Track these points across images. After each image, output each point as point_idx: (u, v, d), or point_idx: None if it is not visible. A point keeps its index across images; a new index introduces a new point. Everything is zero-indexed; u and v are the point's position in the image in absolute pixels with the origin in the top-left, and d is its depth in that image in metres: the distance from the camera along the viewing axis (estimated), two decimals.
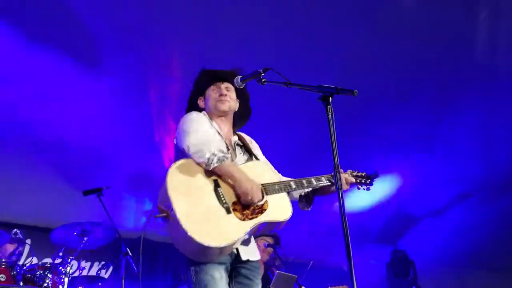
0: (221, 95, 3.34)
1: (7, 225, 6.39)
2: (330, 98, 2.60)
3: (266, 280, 6.18)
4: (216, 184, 2.96)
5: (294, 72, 3.22)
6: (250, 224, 2.92)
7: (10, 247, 5.57)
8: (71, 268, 5.12)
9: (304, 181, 3.24)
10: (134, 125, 7.62)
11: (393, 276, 10.38)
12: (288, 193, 3.21)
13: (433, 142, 9.02)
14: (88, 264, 7.89)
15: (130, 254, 5.73)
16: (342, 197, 2.48)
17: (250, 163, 3.23)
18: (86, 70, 6.99)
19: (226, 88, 3.39)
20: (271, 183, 3.11)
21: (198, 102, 3.45)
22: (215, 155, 2.91)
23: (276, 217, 3.03)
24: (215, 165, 2.91)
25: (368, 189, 3.62)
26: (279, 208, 3.06)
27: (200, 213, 2.82)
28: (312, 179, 3.27)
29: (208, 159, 2.90)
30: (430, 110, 8.49)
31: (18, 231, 5.08)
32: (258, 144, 3.55)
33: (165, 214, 2.84)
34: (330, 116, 2.57)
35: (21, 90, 7.03)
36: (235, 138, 3.39)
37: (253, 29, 6.86)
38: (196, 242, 2.71)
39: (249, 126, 3.65)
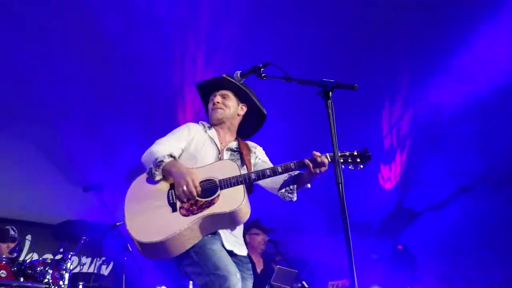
0: (213, 104, 3.42)
1: (7, 221, 6.38)
2: (330, 93, 2.59)
3: (265, 275, 6.19)
4: (171, 187, 3.08)
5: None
6: (191, 219, 2.93)
7: (4, 246, 5.55)
8: (71, 264, 5.11)
9: (267, 171, 3.15)
10: (135, 119, 7.62)
11: None
12: (246, 187, 3.12)
13: (433, 135, 9.02)
14: (89, 260, 7.89)
15: (130, 249, 5.74)
16: (342, 192, 2.46)
17: (218, 162, 3.22)
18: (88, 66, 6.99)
19: (222, 95, 3.42)
20: (227, 177, 3.07)
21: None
22: (152, 165, 3.07)
23: (221, 209, 2.98)
24: (156, 173, 3.07)
25: (357, 167, 3.29)
26: (228, 200, 3.02)
27: (143, 213, 2.99)
28: (278, 167, 3.15)
29: (149, 172, 3.10)
30: (427, 104, 8.49)
31: (14, 229, 5.06)
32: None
33: (122, 222, 3.08)
34: (330, 110, 2.56)
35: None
36: (234, 144, 3.42)
37: None
38: (133, 238, 2.94)
39: None
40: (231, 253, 3.09)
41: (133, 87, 7.44)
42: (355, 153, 3.23)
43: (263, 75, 2.91)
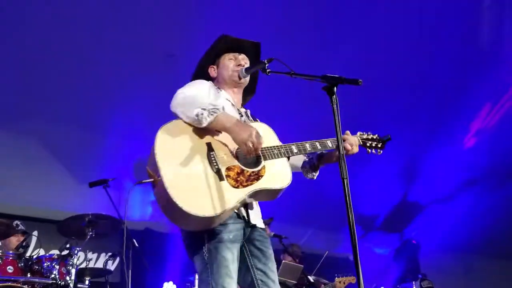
0: (239, 65, 3.14)
1: (13, 217, 6.41)
2: (335, 88, 2.57)
3: None
4: (210, 148, 2.75)
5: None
6: (244, 191, 2.70)
7: (14, 239, 5.59)
8: (78, 260, 5.13)
9: (307, 145, 2.98)
10: (141, 114, 7.63)
11: None
12: (288, 159, 3.00)
13: (439, 129, 9.00)
14: (95, 255, 7.93)
15: (137, 245, 5.76)
16: (347, 186, 2.45)
17: (255, 124, 2.97)
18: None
19: (243, 59, 3.19)
20: (269, 146, 2.87)
21: (209, 71, 3.24)
22: (204, 109, 2.71)
23: (273, 185, 2.79)
24: (207, 119, 2.71)
25: (377, 152, 3.32)
26: (277, 175, 2.83)
27: (188, 179, 2.62)
28: (317, 143, 3.01)
29: (197, 114, 2.71)
30: (436, 99, 8.47)
31: (19, 222, 5.08)
32: None
33: (152, 180, 2.69)
34: (335, 106, 2.55)
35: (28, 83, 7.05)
36: (242, 109, 3.21)
37: None
38: (181, 210, 2.53)
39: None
40: (253, 227, 2.91)
41: (139, 81, 7.44)
42: (376, 137, 3.23)
43: (267, 70, 2.86)
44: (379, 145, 3.30)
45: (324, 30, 7.54)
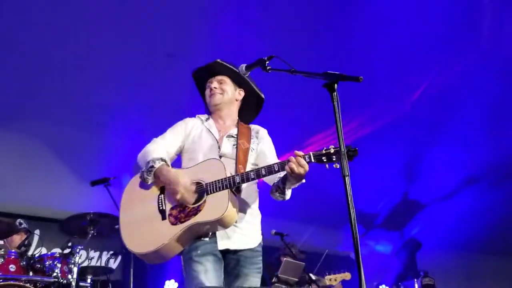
0: (210, 89, 3.33)
1: (15, 216, 6.42)
2: (335, 85, 2.57)
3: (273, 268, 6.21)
4: (161, 191, 3.08)
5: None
6: (180, 227, 2.92)
7: (17, 238, 5.60)
8: (80, 258, 5.14)
9: (251, 173, 2.93)
10: (142, 113, 7.64)
11: None
12: (233, 189, 2.97)
13: (439, 127, 8.99)
14: (97, 254, 7.94)
15: None
16: (348, 184, 2.45)
17: (205, 162, 3.07)
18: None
19: (219, 80, 3.33)
20: (213, 181, 2.95)
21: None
22: (144, 170, 3.07)
23: (207, 217, 2.90)
24: (148, 177, 3.06)
25: (333, 165, 2.82)
26: (214, 207, 2.92)
27: (136, 221, 3.05)
28: (262, 169, 2.93)
29: (141, 176, 3.10)
30: (437, 97, 8.47)
31: (22, 221, 5.09)
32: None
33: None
34: (335, 103, 2.54)
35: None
36: (234, 130, 3.27)
37: None
38: (128, 248, 3.03)
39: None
40: (226, 251, 3.00)
41: (140, 81, 7.46)
42: (331, 150, 2.79)
43: (268, 68, 2.85)
44: (333, 157, 2.81)
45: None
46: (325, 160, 2.80)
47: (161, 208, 3.03)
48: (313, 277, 6.61)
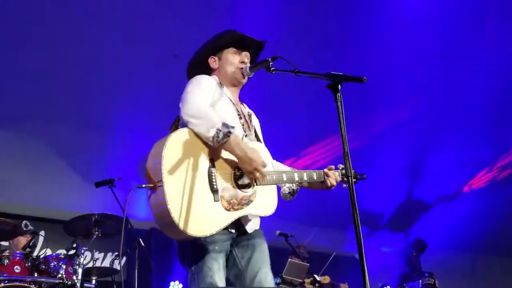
0: (242, 62, 3.10)
1: (20, 217, 6.44)
2: (339, 86, 2.57)
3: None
4: (212, 164, 2.77)
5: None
6: (234, 215, 2.77)
7: (23, 240, 5.61)
8: (84, 259, 5.15)
9: (296, 175, 3.06)
10: (146, 114, 7.65)
11: None
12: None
13: (443, 127, 8.98)
14: (102, 255, 7.95)
15: (143, 244, 5.77)
16: (352, 186, 2.45)
17: (253, 143, 2.99)
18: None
19: (246, 56, 3.15)
20: (277, 171, 2.98)
21: (209, 61, 3.17)
22: (220, 130, 2.68)
23: (259, 212, 2.90)
24: (221, 142, 2.70)
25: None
26: (264, 202, 2.90)
27: (186, 196, 2.65)
28: (304, 175, 3.08)
29: (213, 137, 2.69)
30: (438, 96, 8.46)
31: (28, 223, 5.10)
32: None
33: (152, 185, 2.72)
34: (339, 104, 2.54)
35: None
36: (246, 108, 3.20)
37: None
38: (177, 227, 2.60)
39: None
40: (244, 233, 2.93)
41: (144, 81, 7.46)
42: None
43: (272, 69, 2.84)
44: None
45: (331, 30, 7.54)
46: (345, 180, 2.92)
47: (215, 187, 2.73)
48: (318, 278, 6.61)
